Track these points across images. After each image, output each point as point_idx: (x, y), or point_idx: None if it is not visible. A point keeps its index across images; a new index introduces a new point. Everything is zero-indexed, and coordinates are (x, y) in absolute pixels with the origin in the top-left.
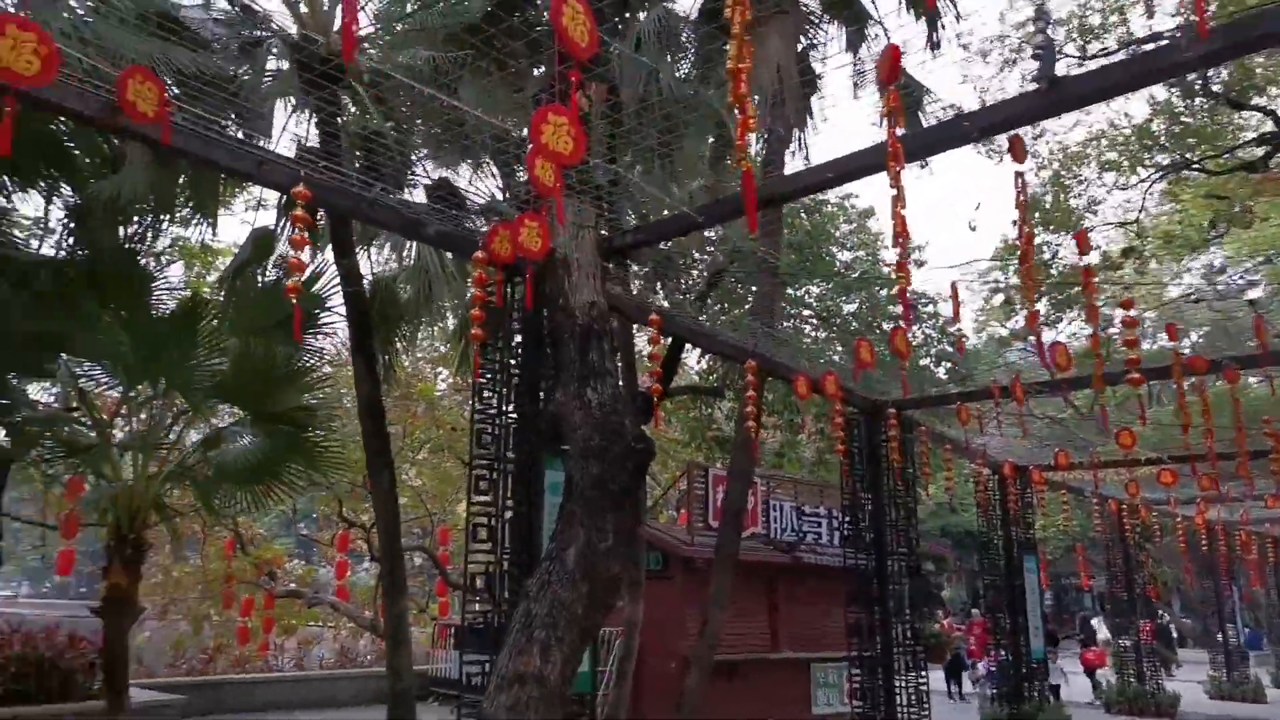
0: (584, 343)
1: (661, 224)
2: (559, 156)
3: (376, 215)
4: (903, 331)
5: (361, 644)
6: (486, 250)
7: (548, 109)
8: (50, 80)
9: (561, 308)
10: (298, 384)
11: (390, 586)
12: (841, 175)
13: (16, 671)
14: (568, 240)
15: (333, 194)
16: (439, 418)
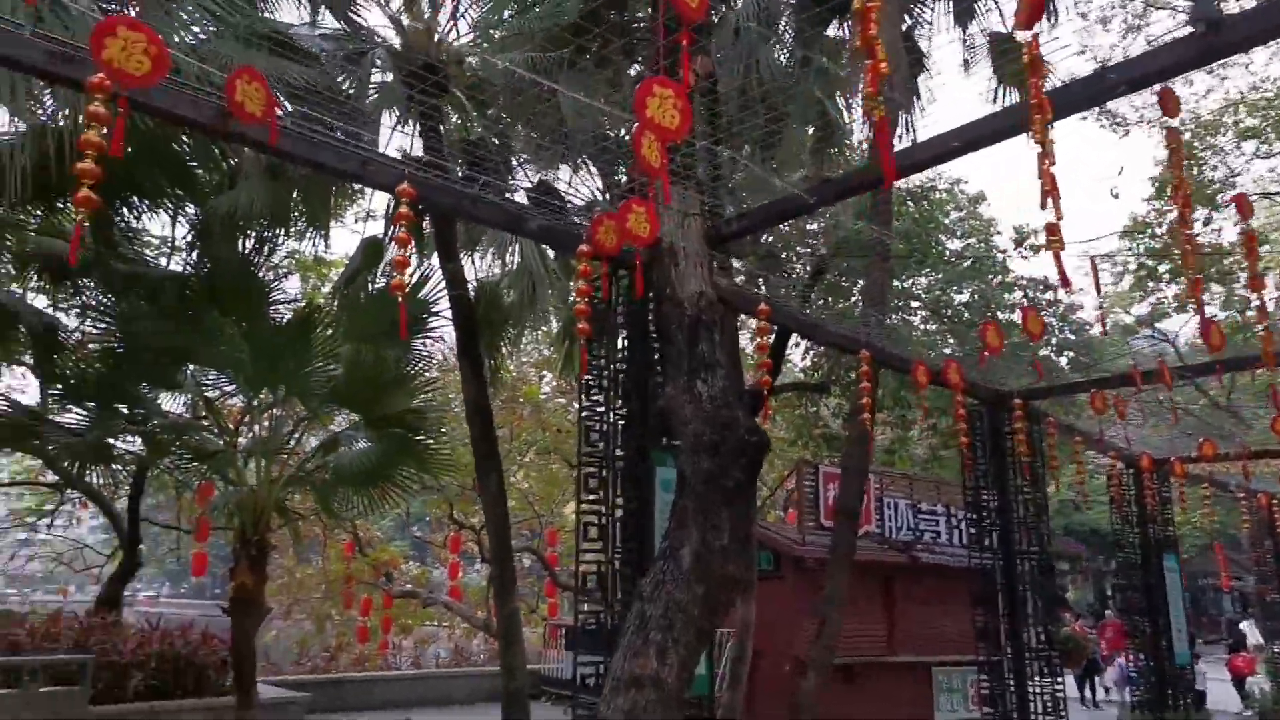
0: (693, 334)
1: (770, 207)
2: (665, 131)
3: (479, 212)
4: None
5: (475, 643)
6: (591, 242)
7: (653, 81)
8: (159, 80)
9: (669, 299)
10: (407, 388)
11: (501, 587)
12: (969, 143)
13: (156, 668)
14: (673, 229)
15: (436, 192)
16: (544, 420)
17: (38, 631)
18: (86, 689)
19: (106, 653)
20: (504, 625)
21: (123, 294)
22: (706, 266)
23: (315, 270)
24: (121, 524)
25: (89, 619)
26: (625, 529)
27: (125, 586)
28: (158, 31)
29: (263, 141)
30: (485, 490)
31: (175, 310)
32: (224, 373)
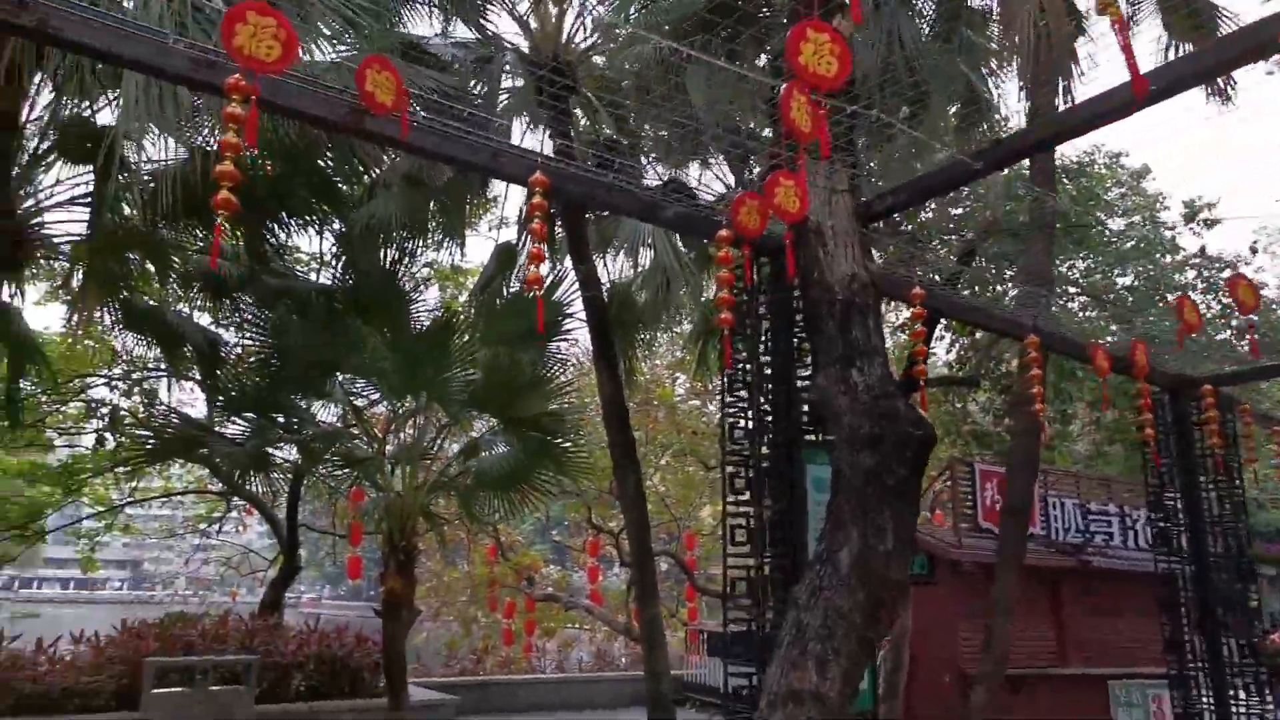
0: (845, 319)
1: (930, 178)
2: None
3: (613, 199)
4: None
5: (616, 647)
6: (732, 226)
7: (806, 24)
8: (289, 65)
9: (817, 283)
10: (543, 390)
11: (642, 590)
12: (1170, 85)
13: (315, 669)
14: (820, 207)
15: (568, 180)
16: (680, 422)
17: (208, 633)
18: (252, 688)
19: (270, 653)
20: (646, 630)
21: (274, 308)
22: (857, 246)
23: (453, 279)
24: (281, 530)
25: (253, 621)
26: (775, 531)
27: (286, 589)
28: None
29: (395, 138)
30: (623, 492)
31: (323, 321)
32: (369, 381)
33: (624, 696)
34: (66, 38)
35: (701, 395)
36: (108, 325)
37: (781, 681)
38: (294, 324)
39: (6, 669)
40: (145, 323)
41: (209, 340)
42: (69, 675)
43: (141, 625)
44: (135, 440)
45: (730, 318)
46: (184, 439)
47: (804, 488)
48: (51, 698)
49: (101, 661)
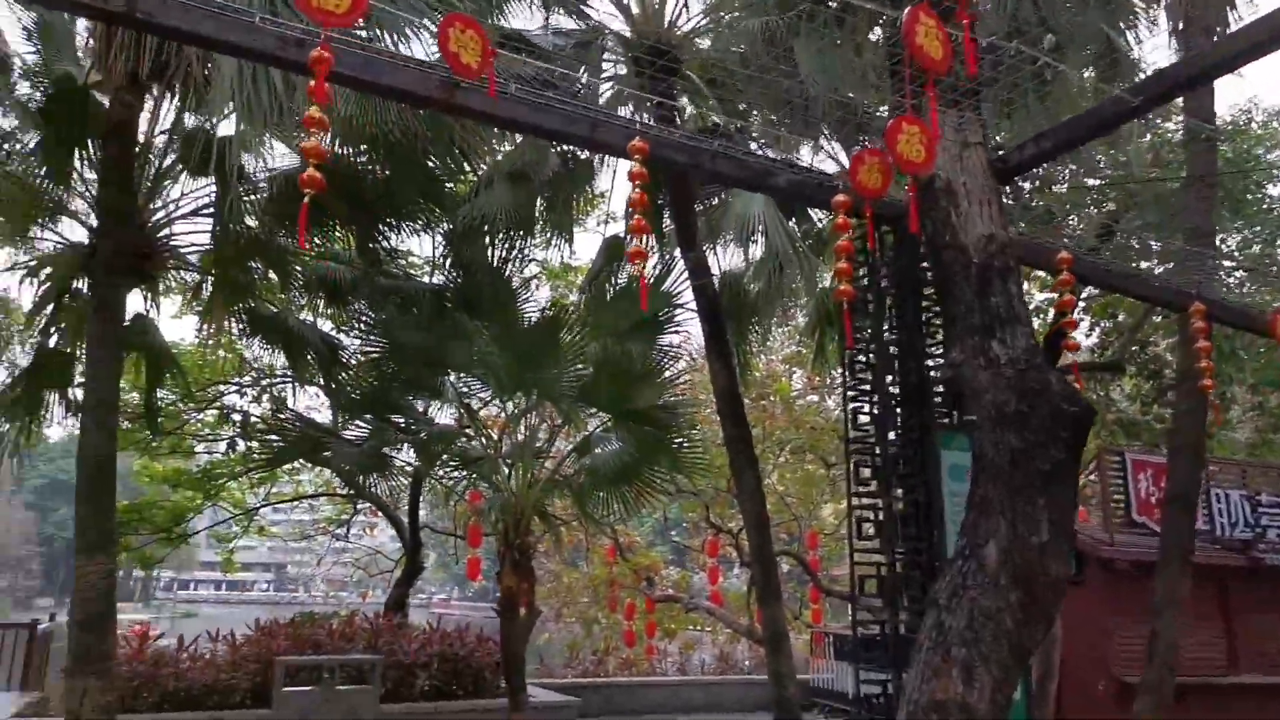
0: (983, 285)
1: (1078, 121)
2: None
3: (719, 168)
4: None
5: (739, 650)
6: (852, 184)
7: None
8: (357, 18)
9: (949, 245)
10: (655, 383)
11: (764, 591)
12: None
13: (439, 669)
14: (949, 163)
15: (671, 149)
16: (798, 417)
17: (335, 632)
18: (377, 688)
19: (394, 653)
20: (769, 632)
21: (386, 309)
22: (994, 204)
23: (562, 277)
24: (404, 531)
25: (377, 621)
26: (908, 525)
27: (409, 589)
28: (393, 37)
29: (488, 111)
30: (741, 489)
31: (432, 320)
32: (480, 379)
33: (748, 701)
34: (156, 22)
35: (819, 389)
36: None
37: (922, 689)
38: (404, 323)
39: (152, 666)
40: (269, 329)
41: (328, 344)
42: (208, 672)
43: (272, 625)
44: (263, 444)
45: (850, 290)
46: (307, 442)
47: (939, 476)
48: (192, 694)
49: (237, 659)
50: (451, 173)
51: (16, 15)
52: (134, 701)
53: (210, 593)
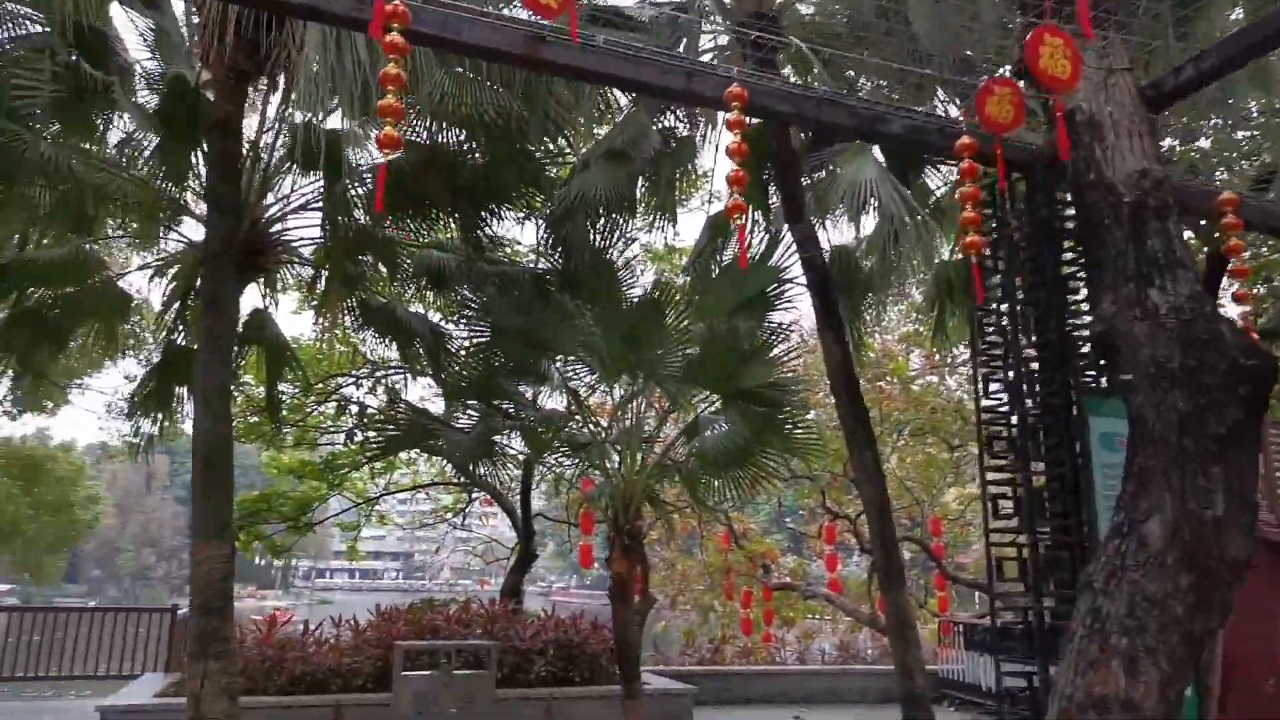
0: (1137, 226)
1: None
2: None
3: (826, 116)
4: None
5: (861, 639)
6: (979, 119)
7: None
8: None
9: (1095, 184)
10: (765, 360)
11: (887, 578)
12: None
13: (554, 655)
14: (1093, 92)
15: (771, 98)
16: (917, 398)
17: (452, 618)
18: (493, 673)
19: (510, 639)
20: (894, 621)
21: (488, 293)
22: (1146, 137)
23: (666, 259)
24: (517, 518)
25: (492, 607)
26: (1053, 501)
27: (524, 576)
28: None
29: (577, 66)
30: (859, 469)
31: (536, 305)
32: (585, 362)
33: (871, 692)
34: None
35: (938, 368)
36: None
37: (1076, 684)
38: (506, 307)
39: (279, 650)
40: (380, 321)
41: (434, 333)
42: (331, 657)
43: (392, 610)
44: (377, 434)
45: (980, 240)
46: (417, 431)
47: (1088, 445)
48: (316, 677)
49: (360, 644)
50: (550, 155)
51: (133, 22)
52: (264, 684)
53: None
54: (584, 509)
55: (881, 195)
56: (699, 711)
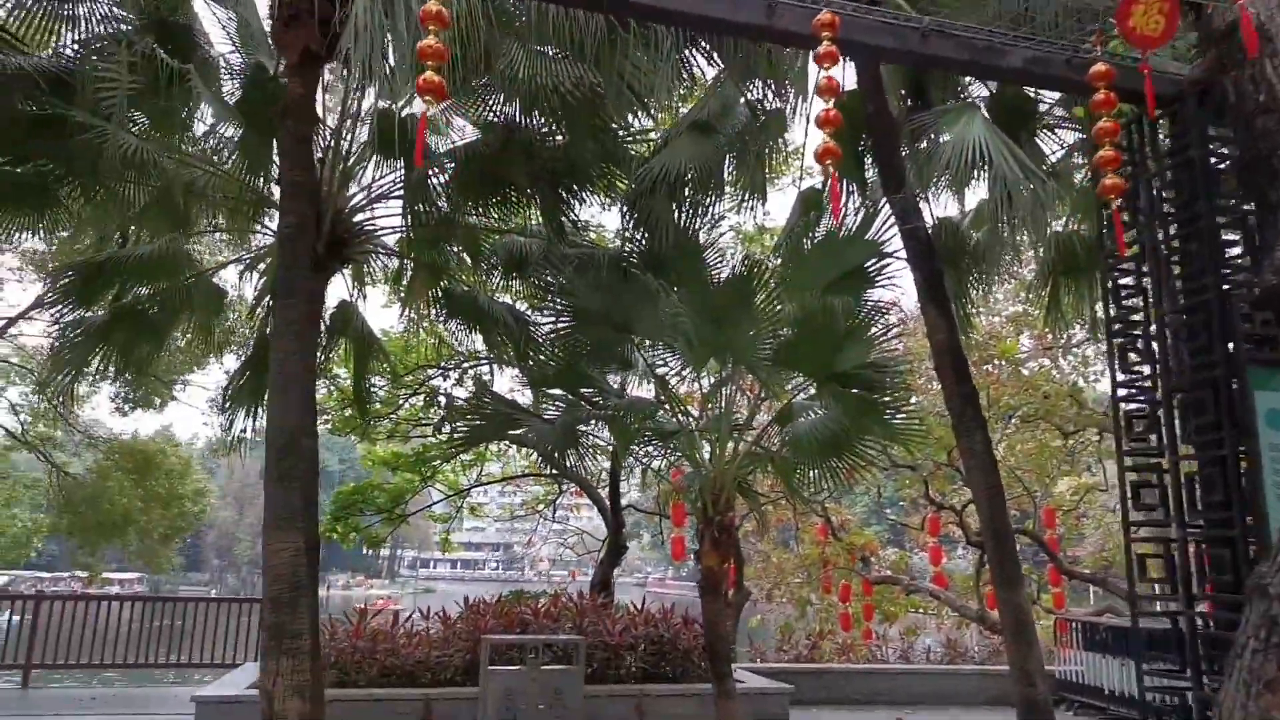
0: None
1: None
2: None
3: (933, 50)
4: None
5: (969, 636)
6: (1122, 34)
7: None
8: None
9: (1265, 108)
10: (862, 339)
11: (1001, 572)
12: None
13: (644, 651)
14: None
15: (869, 30)
16: (1028, 381)
17: (539, 612)
18: (581, 668)
19: (599, 634)
20: (1010, 619)
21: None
22: None
23: (758, 241)
24: (606, 509)
25: (581, 601)
26: (1207, 489)
27: (614, 569)
28: None
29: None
30: (968, 454)
31: (618, 286)
32: (670, 347)
33: (981, 694)
34: None
35: (1050, 350)
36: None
37: (1250, 708)
38: (586, 285)
39: (370, 642)
40: (465, 310)
41: (517, 319)
42: (421, 649)
43: (480, 603)
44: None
45: (1118, 184)
46: (500, 421)
47: (1252, 424)
48: (405, 669)
49: (449, 636)
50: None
51: (215, 16)
52: (354, 676)
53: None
54: (675, 500)
55: (991, 153)
56: (795, 711)
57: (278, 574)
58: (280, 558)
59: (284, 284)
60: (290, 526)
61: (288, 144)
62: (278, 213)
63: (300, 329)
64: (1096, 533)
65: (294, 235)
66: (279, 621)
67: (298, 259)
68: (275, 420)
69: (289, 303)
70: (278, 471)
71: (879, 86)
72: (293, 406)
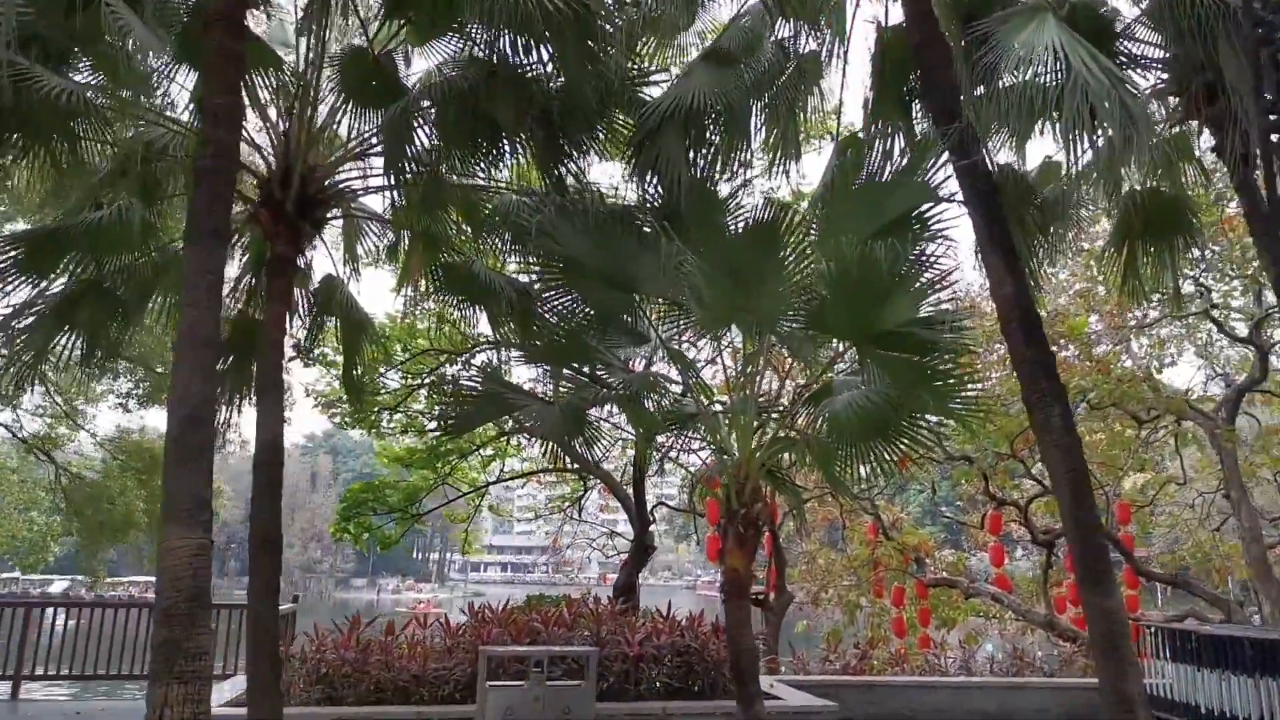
0: None
1: None
2: None
3: None
4: None
5: (1032, 642)
6: None
7: None
8: None
9: None
10: (909, 291)
11: (1088, 570)
12: None
13: (670, 663)
14: None
15: None
16: (1101, 362)
17: (550, 619)
18: (593, 684)
19: (618, 644)
20: (1104, 634)
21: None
22: None
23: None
24: (630, 506)
25: (599, 606)
26: None
27: (638, 572)
28: None
29: None
30: (1045, 429)
31: (615, 234)
32: (682, 310)
33: (1054, 710)
34: None
35: (1119, 332)
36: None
37: None
38: (573, 231)
39: (361, 654)
40: (462, 282)
41: (517, 290)
42: (417, 661)
43: (485, 609)
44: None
45: None
46: (497, 403)
47: None
48: (400, 685)
49: (452, 647)
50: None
51: None
52: (342, 692)
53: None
54: (709, 496)
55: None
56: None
57: (175, 578)
58: (178, 558)
59: (196, 228)
60: (194, 520)
61: (212, 61)
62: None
63: (214, 279)
64: (1170, 530)
65: (213, 170)
66: (173, 638)
67: (217, 198)
68: (179, 389)
69: (200, 246)
70: (180, 451)
71: (928, 13)
72: (197, 371)
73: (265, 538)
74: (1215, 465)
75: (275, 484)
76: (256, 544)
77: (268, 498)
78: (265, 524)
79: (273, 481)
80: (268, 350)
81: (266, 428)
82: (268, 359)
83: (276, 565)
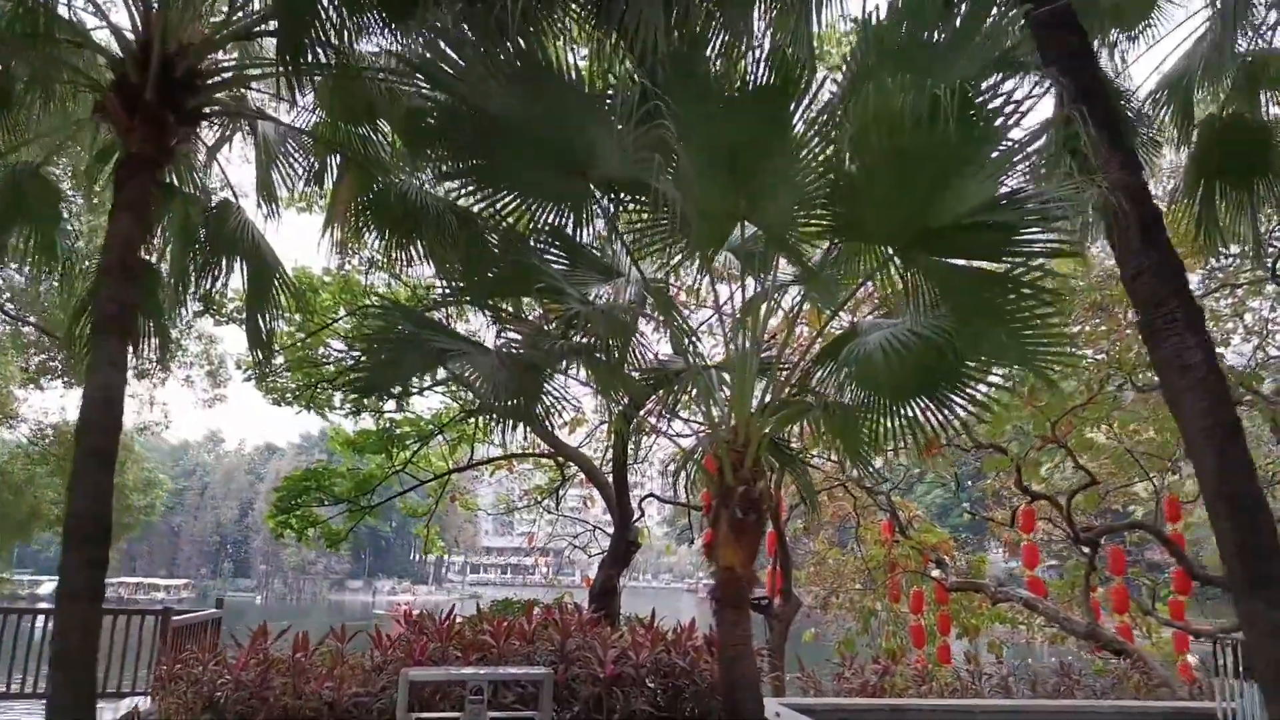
0: None
1: None
2: None
3: None
4: None
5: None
6: None
7: None
8: None
9: None
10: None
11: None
12: None
13: (652, 685)
14: None
15: None
16: None
17: (502, 632)
18: (547, 713)
19: (589, 662)
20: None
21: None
22: None
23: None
24: (611, 496)
25: (565, 614)
26: None
27: (618, 574)
28: None
29: None
30: (1171, 367)
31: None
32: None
33: None
34: None
35: None
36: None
37: None
38: (516, 90)
39: (261, 675)
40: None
41: (458, 215)
42: (331, 687)
43: (424, 617)
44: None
45: None
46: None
47: None
48: (306, 714)
49: (381, 665)
50: None
51: None
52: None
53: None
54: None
55: None
56: None
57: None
58: None
59: None
60: None
61: None
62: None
63: None
64: None
65: None
66: None
67: None
68: None
69: None
70: None
71: None
72: None
73: (86, 522)
74: None
75: (105, 453)
76: (74, 532)
77: (93, 470)
78: (88, 505)
79: (100, 450)
80: (113, 274)
81: (99, 376)
82: (110, 286)
83: (100, 560)
